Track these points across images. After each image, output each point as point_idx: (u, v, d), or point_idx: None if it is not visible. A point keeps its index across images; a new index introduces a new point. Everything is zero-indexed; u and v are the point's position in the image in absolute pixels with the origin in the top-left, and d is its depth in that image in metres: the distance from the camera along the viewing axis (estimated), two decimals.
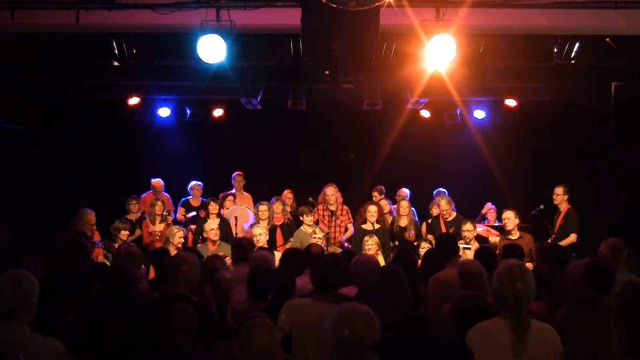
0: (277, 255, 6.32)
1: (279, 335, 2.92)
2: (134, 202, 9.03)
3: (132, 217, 8.82)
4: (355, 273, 4.71)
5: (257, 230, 7.39)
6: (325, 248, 7.68)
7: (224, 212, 8.96)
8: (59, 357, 3.13)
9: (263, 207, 8.31)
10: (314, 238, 7.54)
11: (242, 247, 5.88)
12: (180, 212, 9.27)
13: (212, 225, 7.61)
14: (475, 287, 4.09)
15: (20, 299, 3.17)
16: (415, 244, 8.15)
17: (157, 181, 9.81)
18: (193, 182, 9.62)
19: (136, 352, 3.48)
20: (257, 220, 8.28)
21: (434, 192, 9.78)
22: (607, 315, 3.02)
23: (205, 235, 7.61)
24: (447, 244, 5.40)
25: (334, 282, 4.20)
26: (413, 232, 8.55)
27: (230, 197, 9.33)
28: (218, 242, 7.47)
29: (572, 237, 7.95)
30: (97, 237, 7.57)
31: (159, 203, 8.64)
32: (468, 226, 7.62)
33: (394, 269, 4.16)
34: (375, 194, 9.68)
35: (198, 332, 3.39)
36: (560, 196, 8.22)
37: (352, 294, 4.65)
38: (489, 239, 8.12)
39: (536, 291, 3.46)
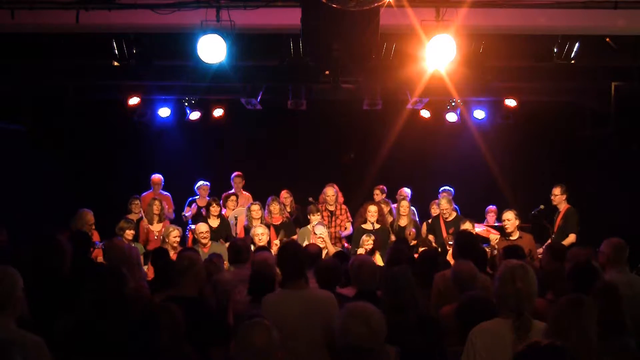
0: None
1: (278, 336, 2.91)
2: (136, 202, 9.00)
3: (134, 217, 8.79)
4: (353, 274, 4.70)
5: (259, 230, 7.36)
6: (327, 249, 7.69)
7: (227, 212, 8.96)
8: (41, 354, 3.13)
9: (255, 207, 8.29)
10: (319, 239, 7.55)
11: (238, 248, 5.87)
12: (185, 213, 9.27)
13: (202, 228, 7.51)
14: (469, 288, 4.08)
15: (4, 294, 3.20)
16: (415, 242, 8.16)
17: (156, 177, 9.78)
18: (200, 182, 9.61)
19: (124, 353, 3.46)
20: (250, 220, 8.25)
21: (440, 190, 9.80)
22: (593, 314, 3.02)
23: (196, 236, 7.55)
24: (467, 242, 5.35)
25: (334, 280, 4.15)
26: (413, 230, 8.57)
27: (233, 197, 9.31)
28: (208, 244, 7.42)
29: (572, 238, 7.95)
30: (96, 237, 7.56)
31: (157, 203, 8.60)
32: (467, 225, 7.62)
33: (400, 270, 4.14)
34: (377, 192, 9.69)
35: (186, 332, 3.39)
36: (558, 196, 8.23)
37: (351, 294, 4.65)
38: (490, 237, 8.11)
39: (542, 290, 3.46)
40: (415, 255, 7.20)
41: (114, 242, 5.35)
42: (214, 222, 8.30)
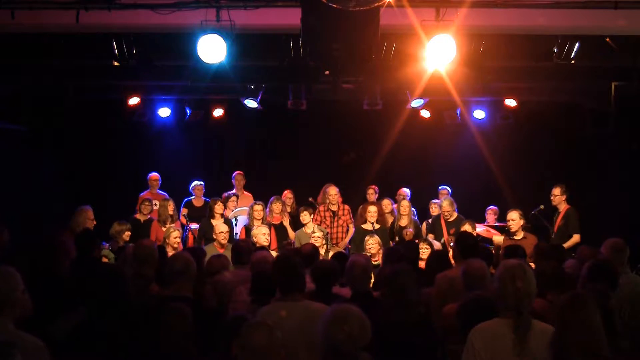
0: (275, 255, 6.32)
1: (280, 336, 2.92)
2: (147, 203, 8.98)
3: (142, 217, 8.78)
4: (346, 275, 4.69)
5: (263, 230, 7.34)
6: (324, 248, 7.69)
7: (227, 212, 8.95)
8: (41, 356, 3.08)
9: (258, 207, 8.23)
10: (313, 238, 7.54)
11: (241, 249, 5.86)
12: (183, 213, 9.26)
13: (222, 228, 7.42)
14: (479, 287, 4.07)
15: (3, 295, 3.15)
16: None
17: (153, 175, 9.75)
18: (195, 182, 9.61)
19: (131, 352, 3.47)
20: (251, 220, 8.20)
21: (440, 188, 9.81)
22: (595, 311, 3.02)
23: (214, 236, 7.48)
24: (469, 244, 5.34)
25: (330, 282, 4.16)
26: (411, 230, 8.56)
27: (234, 198, 9.30)
28: (227, 245, 7.28)
29: (576, 238, 7.89)
30: None
31: (170, 203, 8.58)
32: (467, 227, 7.63)
33: (401, 269, 4.12)
34: (370, 191, 9.70)
35: (193, 332, 3.40)
36: (558, 197, 8.21)
37: (348, 295, 4.65)
38: (493, 239, 8.11)
39: (537, 290, 3.46)
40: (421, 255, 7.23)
41: (143, 242, 5.33)
42: (224, 225, 8.26)
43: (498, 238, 8.01)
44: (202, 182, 9.61)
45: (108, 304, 3.76)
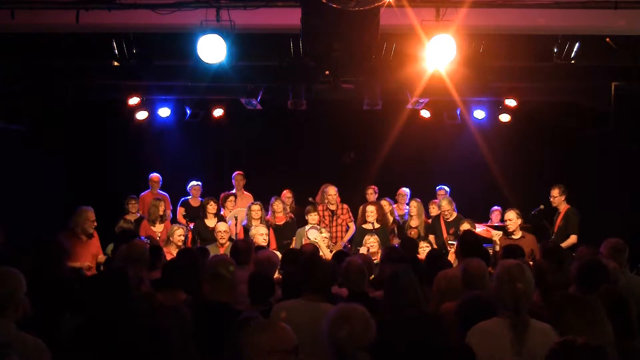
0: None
1: (290, 336, 2.91)
2: (133, 202, 9.00)
3: (131, 217, 8.79)
4: (342, 276, 4.68)
5: (262, 230, 7.34)
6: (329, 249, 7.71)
7: (225, 212, 8.95)
8: (43, 358, 3.10)
9: (256, 207, 8.25)
10: (321, 238, 7.56)
11: (240, 249, 5.86)
12: (180, 212, 9.26)
13: (221, 227, 7.44)
14: (478, 286, 4.07)
15: (6, 296, 3.17)
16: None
17: (154, 176, 9.79)
18: (192, 182, 9.63)
19: (131, 353, 3.46)
20: (249, 220, 8.21)
21: (437, 188, 9.82)
22: (597, 311, 3.02)
23: (216, 235, 7.49)
24: (471, 243, 5.33)
25: (328, 283, 4.18)
26: (415, 229, 8.59)
27: (232, 198, 9.31)
28: (227, 244, 7.29)
29: (573, 239, 7.93)
30: (95, 237, 7.53)
31: (161, 203, 8.59)
32: (465, 225, 7.64)
33: (401, 269, 4.12)
34: (370, 191, 9.71)
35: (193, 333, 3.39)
36: (557, 198, 8.22)
37: (345, 295, 4.64)
38: (492, 234, 8.10)
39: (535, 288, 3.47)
40: (419, 254, 7.23)
41: (134, 242, 5.35)
42: (211, 222, 8.28)
43: (497, 233, 7.99)
44: (199, 183, 9.64)
45: (110, 305, 3.75)
